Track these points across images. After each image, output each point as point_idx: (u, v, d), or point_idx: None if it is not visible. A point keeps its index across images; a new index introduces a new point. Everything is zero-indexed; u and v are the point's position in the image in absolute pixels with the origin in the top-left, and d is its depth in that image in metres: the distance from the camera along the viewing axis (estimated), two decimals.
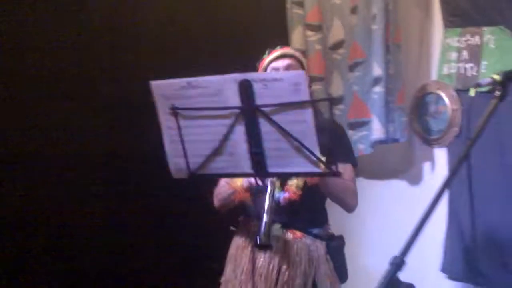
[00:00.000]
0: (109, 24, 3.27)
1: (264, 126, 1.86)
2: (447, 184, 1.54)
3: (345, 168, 2.45)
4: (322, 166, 1.84)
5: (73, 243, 3.15)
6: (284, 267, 2.41)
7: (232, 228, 2.60)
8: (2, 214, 2.96)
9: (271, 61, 2.51)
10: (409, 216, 3.41)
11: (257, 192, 2.32)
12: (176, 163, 2.01)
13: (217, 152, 1.94)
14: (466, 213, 3.08)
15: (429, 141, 3.39)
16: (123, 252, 3.26)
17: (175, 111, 1.93)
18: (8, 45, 3.00)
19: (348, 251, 2.59)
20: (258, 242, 2.13)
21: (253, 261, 2.45)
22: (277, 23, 3.79)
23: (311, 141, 1.83)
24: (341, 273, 2.51)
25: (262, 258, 2.44)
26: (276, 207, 2.28)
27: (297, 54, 2.58)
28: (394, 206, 3.56)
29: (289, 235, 2.44)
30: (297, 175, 2.15)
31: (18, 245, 3.01)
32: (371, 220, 3.27)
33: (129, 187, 3.28)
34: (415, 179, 3.50)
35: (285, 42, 3.75)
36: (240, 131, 1.89)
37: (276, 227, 2.39)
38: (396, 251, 1.53)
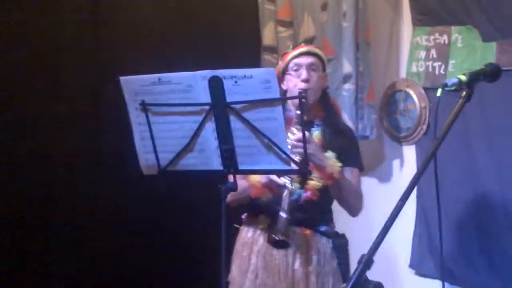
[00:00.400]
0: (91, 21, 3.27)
1: (235, 123, 1.86)
2: (414, 183, 1.56)
3: (353, 172, 2.51)
4: (292, 164, 1.85)
5: (73, 243, 3.14)
6: (298, 263, 2.42)
7: (235, 225, 2.57)
8: (2, 214, 2.94)
9: (294, 56, 2.49)
10: (378, 213, 3.46)
11: (277, 188, 2.30)
12: (146, 159, 2.00)
13: (187, 148, 1.94)
14: (433, 210, 3.12)
15: (398, 139, 3.43)
16: (124, 252, 3.25)
17: (145, 107, 1.91)
18: (6, 45, 2.99)
19: None
20: (277, 239, 2.14)
21: (265, 258, 2.44)
22: (249, 18, 3.79)
23: (281, 139, 1.84)
24: (345, 272, 2.50)
25: (276, 255, 2.42)
26: (295, 205, 2.31)
27: (322, 54, 2.56)
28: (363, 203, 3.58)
29: (297, 232, 2.44)
30: (267, 172, 2.15)
31: (18, 245, 3.00)
32: (338, 216, 3.26)
33: (130, 187, 3.26)
34: (385, 176, 3.54)
35: (257, 38, 3.76)
36: (210, 128, 1.89)
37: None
38: (365, 249, 1.53)
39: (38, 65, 3.07)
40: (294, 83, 2.44)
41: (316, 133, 2.49)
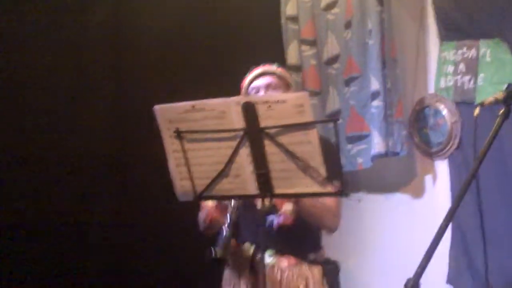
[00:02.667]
0: (112, 26, 3.33)
1: (269, 148, 1.86)
2: (458, 203, 1.54)
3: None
4: (329, 186, 1.84)
5: (73, 243, 3.16)
6: None
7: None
8: (2, 214, 2.97)
9: (251, 81, 2.45)
10: (413, 229, 3.45)
11: (227, 209, 2.23)
12: (182, 185, 2.00)
13: (222, 174, 1.94)
14: (469, 226, 3.08)
15: (430, 154, 3.40)
16: (124, 252, 3.27)
17: (179, 134, 1.93)
18: (9, 45, 3.04)
19: (349, 271, 2.58)
20: (214, 255, 2.07)
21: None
22: (272, 38, 3.82)
23: (317, 161, 1.83)
24: None
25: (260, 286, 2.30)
26: (270, 231, 2.24)
27: (279, 70, 2.49)
28: (396, 220, 3.56)
29: (284, 261, 2.35)
30: (304, 195, 2.14)
31: (18, 245, 3.02)
32: (372, 236, 3.26)
33: (130, 186, 3.30)
34: (417, 191, 3.50)
35: (281, 58, 3.78)
36: (245, 153, 1.89)
37: (269, 253, 2.32)
38: (400, 267, 1.52)
39: (46, 66, 3.12)
40: None
41: None
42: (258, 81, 2.44)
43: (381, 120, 3.36)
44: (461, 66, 3.20)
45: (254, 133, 1.85)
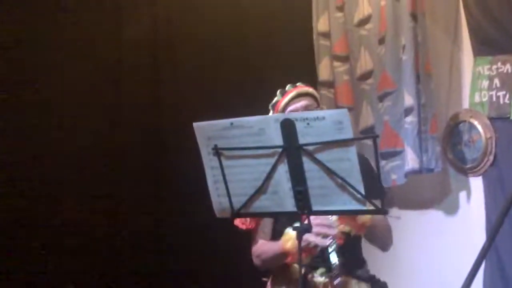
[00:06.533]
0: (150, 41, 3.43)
1: (308, 165, 1.87)
2: (500, 223, 1.52)
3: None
4: (368, 204, 1.84)
5: (73, 244, 3.19)
6: None
7: (264, 279, 2.49)
8: (2, 214, 3.02)
9: (287, 104, 2.44)
10: (446, 247, 3.40)
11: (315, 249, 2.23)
12: (219, 202, 2.02)
13: (260, 190, 1.95)
14: (504, 243, 3.04)
15: (464, 170, 3.36)
16: (125, 252, 3.31)
17: (217, 151, 1.94)
18: (9, 47, 3.10)
19: None
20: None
21: None
22: (304, 54, 3.83)
23: (356, 179, 1.83)
24: None
25: None
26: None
27: (311, 90, 2.50)
28: (429, 238, 3.51)
29: (333, 280, 2.30)
30: (342, 213, 2.13)
31: (18, 245, 3.06)
32: (406, 253, 3.23)
33: (130, 187, 3.34)
34: (451, 208, 3.46)
35: (313, 74, 3.79)
36: (283, 170, 1.90)
37: (321, 271, 2.32)
38: (434, 285, 1.50)
39: (46, 66, 3.17)
40: None
41: None
42: (295, 104, 2.43)
43: (415, 136, 3.33)
44: (496, 81, 3.18)
45: (292, 150, 1.86)
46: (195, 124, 1.96)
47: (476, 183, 3.32)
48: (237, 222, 2.40)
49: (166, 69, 3.44)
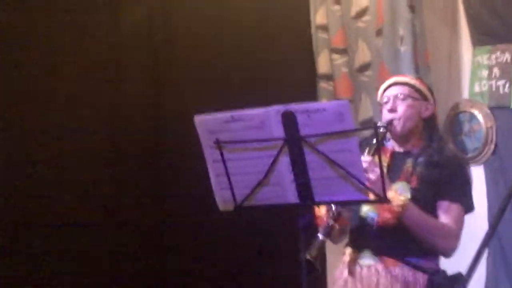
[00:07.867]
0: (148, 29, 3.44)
1: (309, 156, 1.87)
2: (503, 210, 1.53)
3: (449, 207, 2.32)
4: (370, 193, 1.84)
5: (73, 244, 3.21)
6: None
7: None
8: (2, 214, 3.03)
9: (384, 90, 2.49)
10: None
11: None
12: (222, 195, 2.03)
13: (262, 183, 1.96)
14: (506, 232, 3.04)
15: (466, 160, 3.36)
16: (125, 252, 3.32)
17: (219, 145, 1.95)
18: (46, 46, 3.13)
19: None
20: (306, 257, 2.05)
21: None
22: (303, 47, 3.83)
23: (357, 169, 1.84)
24: None
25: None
26: (370, 230, 2.26)
27: (413, 81, 2.49)
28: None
29: (381, 263, 2.29)
30: (344, 203, 2.14)
31: (18, 245, 3.09)
32: None
33: (130, 187, 3.34)
34: None
35: (312, 67, 3.79)
36: (285, 162, 1.91)
37: (366, 254, 2.31)
38: None
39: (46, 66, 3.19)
40: (384, 115, 2.44)
41: (408, 164, 2.35)
42: (389, 90, 2.46)
43: None
44: (495, 71, 3.18)
45: (294, 141, 1.86)
46: (196, 118, 1.96)
47: (478, 173, 3.32)
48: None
49: (165, 68, 3.44)
